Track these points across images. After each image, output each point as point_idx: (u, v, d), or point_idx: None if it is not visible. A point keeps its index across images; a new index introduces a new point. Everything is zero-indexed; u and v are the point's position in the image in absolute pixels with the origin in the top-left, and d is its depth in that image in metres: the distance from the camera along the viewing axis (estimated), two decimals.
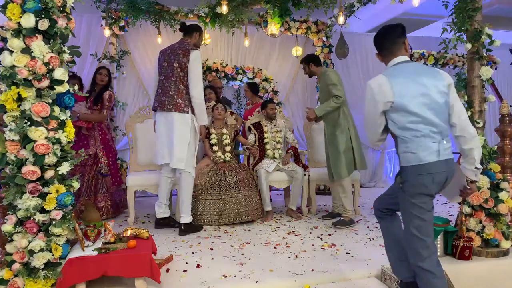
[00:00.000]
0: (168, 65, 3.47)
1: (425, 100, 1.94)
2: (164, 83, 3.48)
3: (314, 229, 3.67)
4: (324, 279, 2.44)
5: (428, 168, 1.91)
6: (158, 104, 3.48)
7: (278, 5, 4.87)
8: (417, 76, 1.99)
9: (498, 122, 3.82)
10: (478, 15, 2.98)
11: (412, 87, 1.95)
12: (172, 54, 3.48)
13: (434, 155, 1.92)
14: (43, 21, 2.12)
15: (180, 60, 3.43)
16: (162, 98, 3.46)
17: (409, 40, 2.89)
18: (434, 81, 1.98)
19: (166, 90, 3.45)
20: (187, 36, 3.60)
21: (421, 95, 1.94)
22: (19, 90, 2.09)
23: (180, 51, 3.46)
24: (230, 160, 4.05)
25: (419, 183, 1.91)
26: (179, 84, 3.44)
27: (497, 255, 2.81)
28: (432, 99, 1.95)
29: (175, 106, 3.41)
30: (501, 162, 3.59)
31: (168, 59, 3.49)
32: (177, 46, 3.52)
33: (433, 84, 1.97)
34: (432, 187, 1.92)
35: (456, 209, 4.31)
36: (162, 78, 3.50)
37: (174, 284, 2.36)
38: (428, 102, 1.94)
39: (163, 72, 3.51)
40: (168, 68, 3.47)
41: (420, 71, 2.02)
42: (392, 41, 2.18)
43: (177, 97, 3.43)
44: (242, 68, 5.82)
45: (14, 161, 2.09)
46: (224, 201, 3.79)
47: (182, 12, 5.30)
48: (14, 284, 2.07)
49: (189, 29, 3.62)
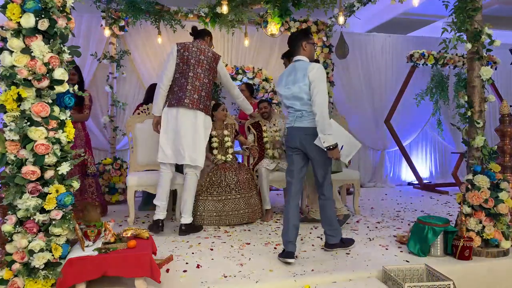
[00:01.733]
0: (198, 64, 3.43)
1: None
2: (194, 81, 3.42)
3: (314, 229, 3.66)
4: (324, 279, 2.44)
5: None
6: (189, 102, 3.38)
7: (278, 5, 4.87)
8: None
9: (498, 122, 3.83)
10: (478, 15, 2.98)
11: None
12: (201, 54, 3.45)
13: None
14: (43, 21, 2.12)
15: (211, 64, 3.48)
16: (194, 96, 3.40)
17: (409, 40, 2.90)
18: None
19: (197, 89, 3.42)
20: (200, 39, 3.58)
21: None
22: (19, 90, 2.08)
23: (210, 54, 3.48)
24: (230, 161, 4.04)
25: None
26: (210, 87, 3.50)
27: (497, 255, 2.81)
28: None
29: (205, 107, 3.46)
30: (501, 162, 3.60)
31: (197, 57, 3.44)
32: (204, 48, 3.49)
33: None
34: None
35: (456, 209, 4.31)
36: (192, 75, 3.42)
37: (174, 284, 2.36)
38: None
39: (191, 69, 3.42)
40: (197, 68, 3.43)
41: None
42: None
43: (207, 99, 3.48)
44: (242, 68, 5.82)
45: (14, 161, 2.09)
46: (224, 202, 3.78)
47: (182, 12, 5.31)
48: (14, 284, 2.07)
49: (202, 33, 3.61)
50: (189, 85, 3.41)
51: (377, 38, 6.76)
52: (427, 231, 2.80)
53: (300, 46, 2.85)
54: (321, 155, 2.79)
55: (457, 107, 3.18)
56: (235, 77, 5.81)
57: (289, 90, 2.82)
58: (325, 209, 2.92)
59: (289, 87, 2.83)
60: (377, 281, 2.43)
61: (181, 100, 3.38)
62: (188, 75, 3.42)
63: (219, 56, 3.59)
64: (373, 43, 6.68)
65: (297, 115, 2.82)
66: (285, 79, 2.88)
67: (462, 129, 3.14)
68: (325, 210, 2.92)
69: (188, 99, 3.39)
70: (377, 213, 4.36)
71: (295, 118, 2.83)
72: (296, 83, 2.77)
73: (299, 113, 2.81)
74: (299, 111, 2.81)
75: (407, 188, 6.56)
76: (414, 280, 2.47)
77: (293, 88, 2.79)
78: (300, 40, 2.85)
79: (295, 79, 2.78)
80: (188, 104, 3.38)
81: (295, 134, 2.83)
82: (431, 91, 6.52)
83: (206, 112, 3.49)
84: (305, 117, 2.79)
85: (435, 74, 6.56)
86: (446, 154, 7.22)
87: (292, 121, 2.85)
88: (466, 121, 3.07)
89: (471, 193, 2.86)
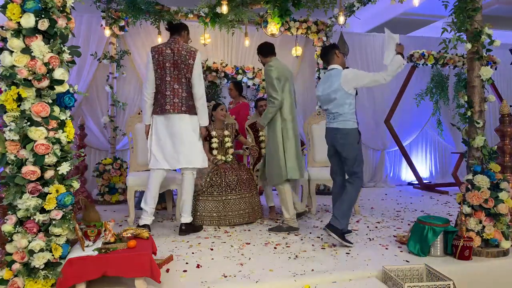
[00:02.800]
0: (174, 66, 3.39)
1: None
2: (172, 85, 3.39)
3: (314, 229, 3.66)
4: (324, 279, 2.44)
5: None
6: (170, 107, 3.36)
7: (278, 5, 4.87)
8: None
9: (498, 122, 3.83)
10: (478, 15, 2.98)
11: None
12: (175, 55, 3.40)
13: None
14: (43, 21, 2.12)
15: (187, 62, 3.41)
16: (174, 100, 3.37)
17: (409, 40, 2.95)
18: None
19: (177, 92, 3.39)
20: (176, 35, 3.52)
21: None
22: (19, 90, 2.09)
23: (184, 52, 3.42)
24: (230, 161, 4.03)
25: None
26: (188, 87, 3.45)
27: (497, 255, 2.81)
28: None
29: (188, 109, 3.42)
30: (501, 162, 3.60)
31: (171, 60, 3.39)
32: (178, 47, 3.43)
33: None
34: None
35: (456, 209, 4.31)
36: (169, 80, 3.39)
37: (174, 284, 2.36)
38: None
39: (167, 73, 3.39)
40: (174, 70, 3.39)
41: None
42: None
43: (189, 99, 3.44)
44: (242, 68, 5.82)
45: (14, 161, 2.09)
46: (224, 202, 3.78)
47: (182, 12, 5.31)
48: (14, 284, 2.07)
49: (178, 28, 3.55)
50: (167, 90, 3.38)
51: (377, 38, 6.76)
52: (427, 231, 2.80)
53: (334, 54, 3.27)
54: (350, 153, 3.14)
55: (457, 107, 3.19)
56: (235, 77, 5.81)
57: (325, 95, 3.23)
58: (346, 193, 3.16)
59: (325, 92, 3.23)
60: (377, 281, 2.43)
61: (163, 107, 3.38)
62: (165, 80, 3.40)
63: (196, 51, 3.48)
64: (373, 43, 6.68)
65: (331, 117, 3.23)
66: (322, 85, 3.29)
67: (462, 129, 3.14)
68: (346, 193, 3.16)
69: (169, 105, 3.37)
70: (377, 213, 4.36)
71: (329, 119, 3.26)
72: (331, 88, 3.17)
73: (331, 116, 3.22)
74: (332, 113, 3.20)
75: (407, 188, 6.56)
76: (414, 280, 2.48)
77: (329, 92, 3.18)
78: (333, 49, 3.29)
79: (331, 85, 3.18)
80: (170, 109, 3.36)
81: (329, 133, 3.28)
82: (431, 91, 6.52)
83: (191, 112, 3.44)
84: (337, 119, 3.17)
85: (435, 74, 6.56)
86: (446, 154, 7.22)
87: (328, 122, 3.29)
88: (466, 121, 3.07)
89: (471, 193, 2.86)
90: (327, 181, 4.43)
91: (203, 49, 5.80)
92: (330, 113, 3.23)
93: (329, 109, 3.22)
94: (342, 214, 3.06)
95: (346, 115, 3.13)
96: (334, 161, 3.35)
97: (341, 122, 3.14)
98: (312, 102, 6.30)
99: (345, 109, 3.12)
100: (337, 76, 3.15)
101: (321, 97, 3.29)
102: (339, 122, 3.14)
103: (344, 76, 3.11)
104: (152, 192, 3.45)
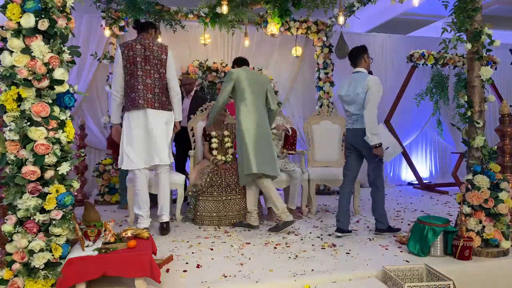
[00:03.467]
0: (146, 61, 3.34)
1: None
2: (145, 79, 3.33)
3: (314, 229, 3.67)
4: (324, 279, 2.44)
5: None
6: (143, 102, 3.29)
7: (278, 5, 4.87)
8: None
9: (498, 122, 3.83)
10: (478, 15, 2.98)
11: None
12: (147, 50, 3.35)
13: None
14: (43, 21, 2.12)
15: (160, 57, 3.39)
16: (147, 95, 3.31)
17: (409, 40, 2.95)
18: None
19: (150, 88, 3.34)
20: (144, 32, 3.49)
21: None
22: (19, 90, 2.08)
23: (155, 48, 3.39)
24: (230, 161, 4.03)
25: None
26: (162, 82, 3.41)
27: (497, 255, 2.81)
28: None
29: (162, 104, 3.38)
30: (501, 162, 3.60)
31: (142, 55, 3.33)
32: (148, 42, 3.39)
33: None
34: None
35: (456, 209, 4.31)
36: (141, 74, 3.32)
37: (174, 284, 2.36)
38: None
39: (139, 68, 3.32)
40: (146, 65, 3.34)
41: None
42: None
43: (162, 95, 3.40)
44: None
45: (14, 161, 2.09)
46: (224, 202, 3.78)
47: (182, 12, 5.31)
48: (14, 284, 2.07)
49: (145, 26, 3.53)
50: (140, 85, 3.31)
51: (377, 38, 6.76)
52: (427, 231, 2.80)
53: (362, 58, 3.41)
54: (371, 154, 3.28)
55: (457, 107, 3.19)
56: None
57: (349, 97, 3.37)
58: (376, 199, 3.40)
59: (349, 94, 3.36)
60: (377, 281, 2.44)
61: (136, 102, 3.30)
62: (137, 74, 3.32)
63: (167, 46, 3.47)
64: (373, 43, 6.68)
65: (353, 119, 3.37)
66: (346, 87, 3.42)
67: (462, 129, 3.14)
68: (376, 200, 3.40)
69: (142, 100, 3.30)
70: None
71: (352, 121, 3.39)
72: (355, 91, 3.31)
73: (354, 117, 3.36)
74: (355, 115, 3.35)
75: (407, 188, 6.56)
76: (414, 280, 2.48)
77: (352, 95, 3.33)
78: (362, 53, 3.42)
79: (354, 88, 3.32)
80: (143, 104, 3.30)
81: (351, 134, 3.42)
82: (431, 91, 6.52)
83: (164, 108, 3.40)
84: (360, 121, 3.32)
85: (435, 74, 6.56)
86: (446, 154, 7.22)
87: (350, 123, 3.42)
88: (466, 121, 3.07)
89: (471, 193, 2.86)
90: (327, 181, 4.44)
91: (203, 49, 5.81)
92: (353, 115, 3.37)
93: (351, 111, 3.37)
94: (381, 217, 3.39)
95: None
96: (351, 160, 3.49)
97: (364, 123, 3.26)
98: (312, 102, 6.29)
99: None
100: (362, 80, 3.29)
101: (344, 98, 3.43)
102: (362, 123, 3.27)
103: (368, 82, 3.26)
104: (143, 196, 3.39)
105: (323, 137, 4.74)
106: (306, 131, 4.81)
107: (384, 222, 3.40)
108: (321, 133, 4.76)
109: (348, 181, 3.50)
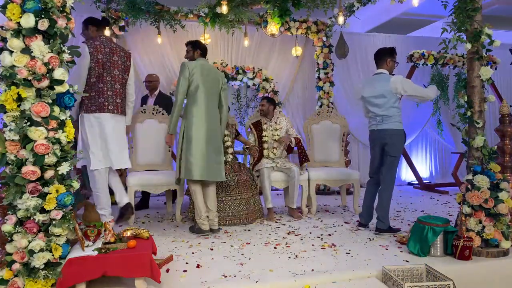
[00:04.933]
0: (114, 66, 3.33)
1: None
2: (114, 85, 3.33)
3: (314, 229, 3.67)
4: (324, 279, 2.44)
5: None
6: (113, 107, 3.30)
7: (278, 5, 4.87)
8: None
9: (498, 122, 3.83)
10: (478, 15, 2.98)
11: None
12: (114, 55, 3.34)
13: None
14: (43, 21, 2.12)
15: (126, 63, 3.45)
16: (116, 100, 3.34)
17: (409, 40, 2.97)
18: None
19: (119, 93, 3.38)
20: (102, 31, 3.47)
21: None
22: (19, 90, 2.08)
23: (122, 53, 3.42)
24: (231, 161, 4.03)
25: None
26: (124, 88, 3.48)
27: (497, 255, 2.81)
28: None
29: (122, 109, 3.44)
30: (501, 162, 3.60)
31: (110, 58, 3.31)
32: (115, 47, 3.38)
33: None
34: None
35: (456, 209, 4.31)
36: (109, 79, 3.30)
37: (174, 284, 2.36)
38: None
39: (108, 73, 3.29)
40: (113, 69, 3.33)
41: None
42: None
43: (123, 100, 3.47)
44: (242, 68, 5.82)
45: (14, 161, 2.09)
46: (224, 203, 3.78)
47: (182, 12, 5.30)
48: (14, 284, 2.07)
49: (102, 23, 3.53)
50: (109, 90, 3.29)
51: (377, 38, 6.75)
52: (427, 231, 2.80)
53: (385, 61, 3.47)
54: (395, 152, 3.39)
55: (457, 107, 3.19)
56: (235, 77, 5.81)
57: (372, 98, 3.44)
58: (382, 198, 3.42)
59: (371, 95, 3.43)
60: (377, 281, 2.44)
61: (103, 106, 3.25)
62: (106, 79, 3.28)
63: (130, 53, 3.55)
64: (373, 43, 6.67)
65: (378, 120, 3.43)
66: (368, 88, 3.49)
67: (462, 129, 3.14)
68: (383, 198, 3.41)
69: (112, 105, 3.30)
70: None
71: (377, 122, 3.44)
72: (377, 92, 3.39)
73: (379, 118, 3.42)
74: (380, 116, 3.41)
75: (407, 188, 6.56)
76: (414, 280, 2.48)
77: (375, 96, 3.41)
78: (386, 56, 3.46)
79: (378, 89, 3.40)
80: (113, 110, 3.31)
81: (376, 135, 3.47)
82: None
83: (124, 113, 3.50)
84: (385, 121, 3.39)
85: (435, 74, 6.56)
86: (446, 154, 7.22)
87: (375, 125, 3.47)
88: (466, 121, 3.07)
89: (471, 193, 2.86)
90: (327, 181, 4.44)
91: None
92: (377, 116, 3.43)
93: (376, 112, 3.43)
94: (384, 216, 3.40)
95: (394, 117, 3.38)
96: (377, 162, 3.54)
97: (390, 124, 3.37)
98: (312, 102, 6.29)
99: (393, 111, 3.38)
100: (384, 81, 3.37)
101: (367, 99, 3.50)
102: (388, 124, 3.37)
103: (391, 83, 3.33)
104: (107, 194, 3.36)
105: (323, 137, 4.75)
106: (306, 131, 4.81)
107: (386, 222, 3.40)
108: (321, 133, 4.77)
109: (373, 183, 3.60)
